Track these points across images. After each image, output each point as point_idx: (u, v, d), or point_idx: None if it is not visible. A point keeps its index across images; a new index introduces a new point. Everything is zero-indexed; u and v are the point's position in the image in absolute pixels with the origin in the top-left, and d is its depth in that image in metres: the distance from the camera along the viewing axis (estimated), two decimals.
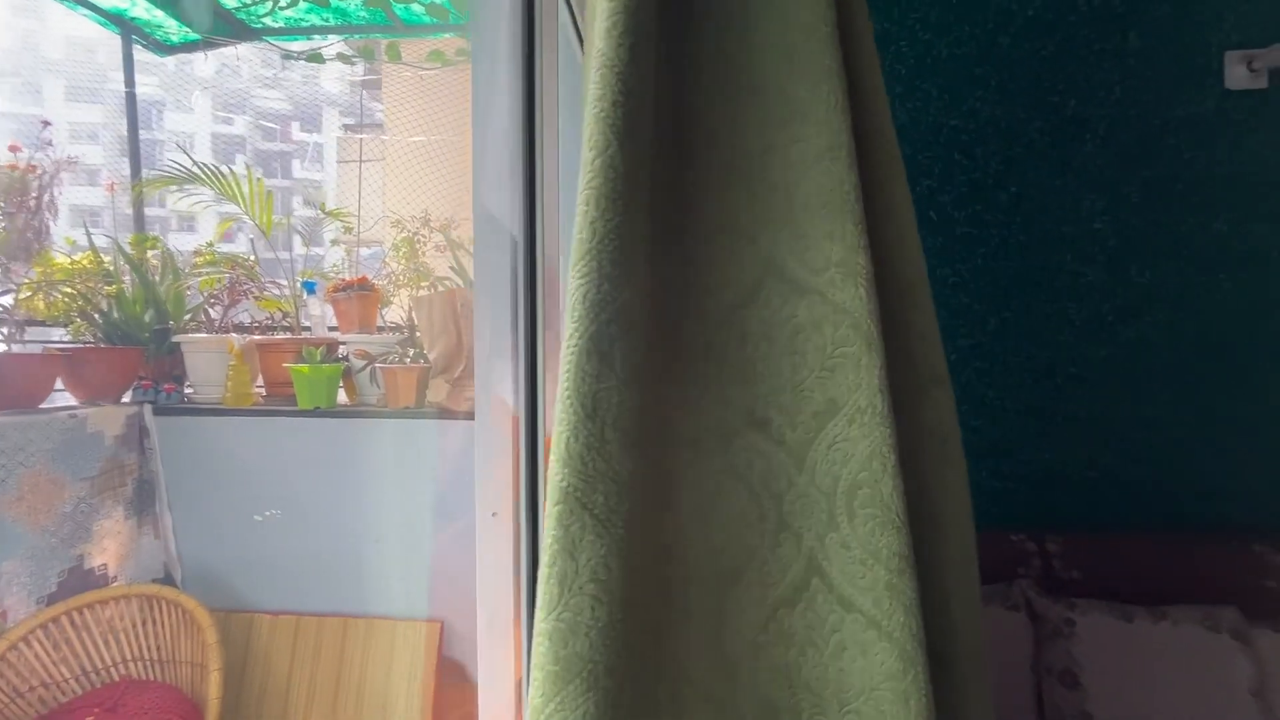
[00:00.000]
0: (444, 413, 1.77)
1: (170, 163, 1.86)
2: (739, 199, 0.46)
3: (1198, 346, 1.55)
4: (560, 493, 0.38)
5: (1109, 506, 1.58)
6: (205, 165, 1.86)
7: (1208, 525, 1.55)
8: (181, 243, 2.04)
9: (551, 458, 0.40)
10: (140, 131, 2.18)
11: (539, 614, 0.38)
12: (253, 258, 1.99)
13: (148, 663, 1.58)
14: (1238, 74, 1.49)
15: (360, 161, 2.56)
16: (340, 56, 2.04)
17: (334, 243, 2.20)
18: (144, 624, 1.62)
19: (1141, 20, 1.54)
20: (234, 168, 1.86)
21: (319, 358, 1.74)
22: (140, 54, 2.16)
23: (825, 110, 0.44)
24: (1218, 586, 1.40)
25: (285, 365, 1.77)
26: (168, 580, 1.76)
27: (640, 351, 0.39)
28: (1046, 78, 1.57)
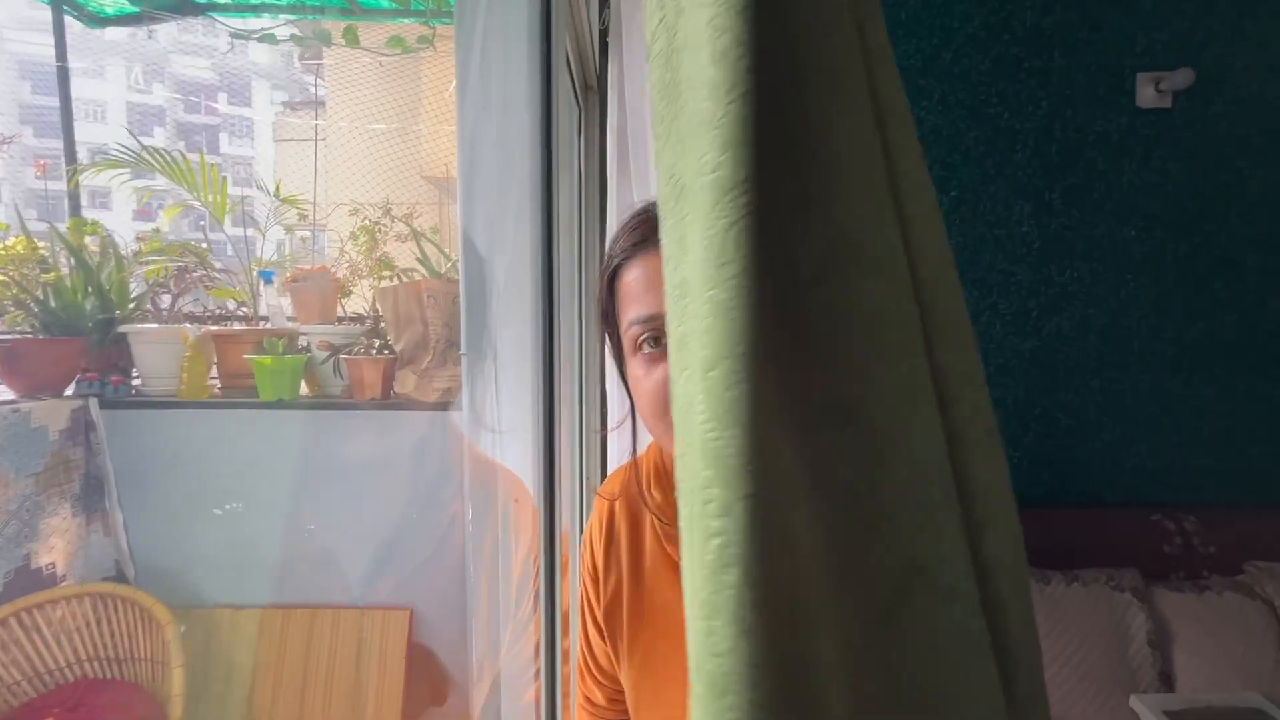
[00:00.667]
0: (412, 404, 1.77)
1: (116, 146, 1.77)
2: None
3: (1107, 339, 1.74)
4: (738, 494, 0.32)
5: (1031, 483, 1.76)
6: (154, 149, 1.78)
7: (1114, 499, 1.75)
8: (123, 228, 1.95)
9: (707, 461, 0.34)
10: (46, 98, 2.06)
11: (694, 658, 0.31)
12: (205, 244, 1.92)
13: (104, 661, 1.54)
14: (1147, 94, 1.66)
15: (315, 141, 2.49)
16: (294, 39, 1.98)
17: (288, 229, 2.14)
18: (98, 623, 1.57)
19: (1065, 41, 1.69)
20: (182, 150, 1.79)
21: (282, 349, 1.71)
22: (71, 25, 2.03)
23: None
24: (1121, 551, 1.59)
25: (245, 357, 1.73)
26: (120, 578, 1.71)
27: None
28: (983, 91, 1.70)
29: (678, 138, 0.39)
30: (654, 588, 0.67)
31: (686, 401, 0.32)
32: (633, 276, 0.59)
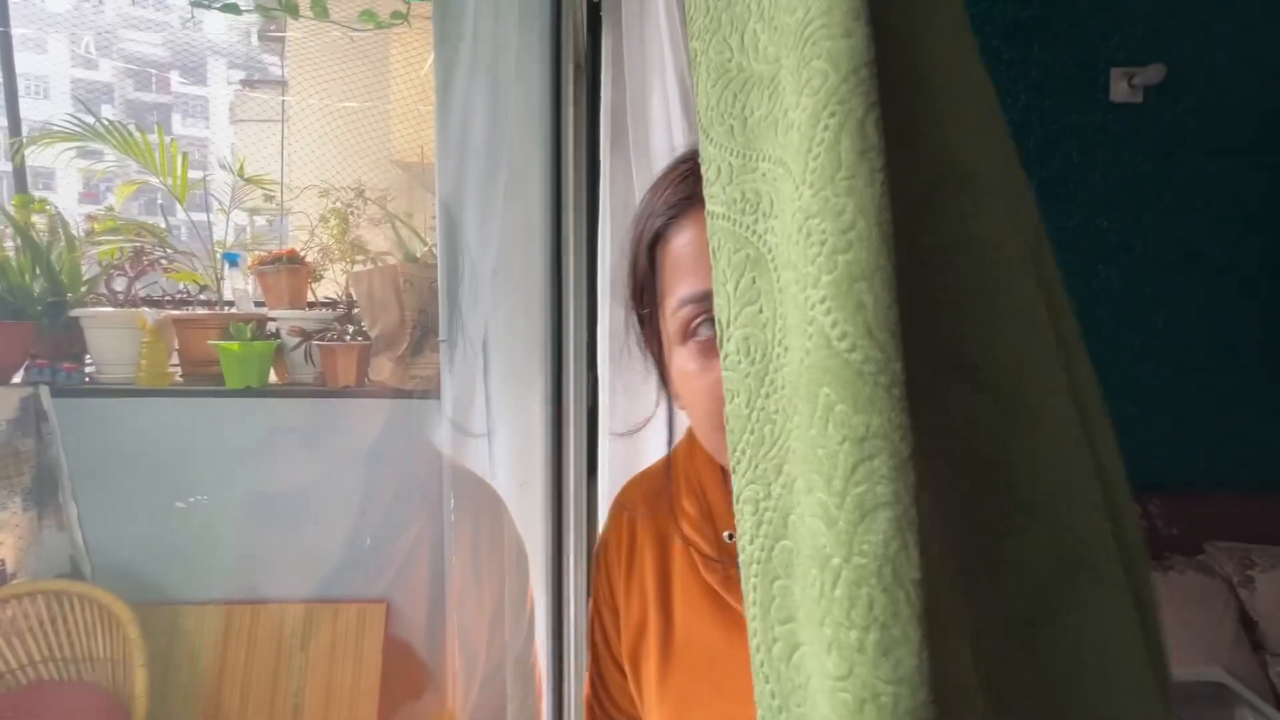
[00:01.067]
0: (388, 391, 1.72)
1: (67, 117, 1.66)
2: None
3: (1081, 324, 1.78)
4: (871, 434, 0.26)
5: None
6: (111, 123, 1.68)
7: None
8: (70, 208, 1.84)
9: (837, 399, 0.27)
10: None
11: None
12: (163, 225, 1.83)
13: (61, 662, 1.47)
14: (1120, 88, 1.70)
15: (282, 121, 2.39)
16: (259, 9, 1.88)
17: (253, 211, 2.05)
18: (53, 622, 1.49)
19: (1043, 35, 1.71)
20: (142, 126, 1.69)
21: (250, 334, 1.64)
22: None
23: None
24: None
25: (210, 343, 1.65)
26: (76, 575, 1.62)
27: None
28: None
29: (759, 15, 0.34)
30: (688, 621, 0.56)
31: (748, 341, 0.29)
32: (683, 241, 0.48)
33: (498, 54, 1.22)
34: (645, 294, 0.52)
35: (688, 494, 0.57)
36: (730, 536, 0.53)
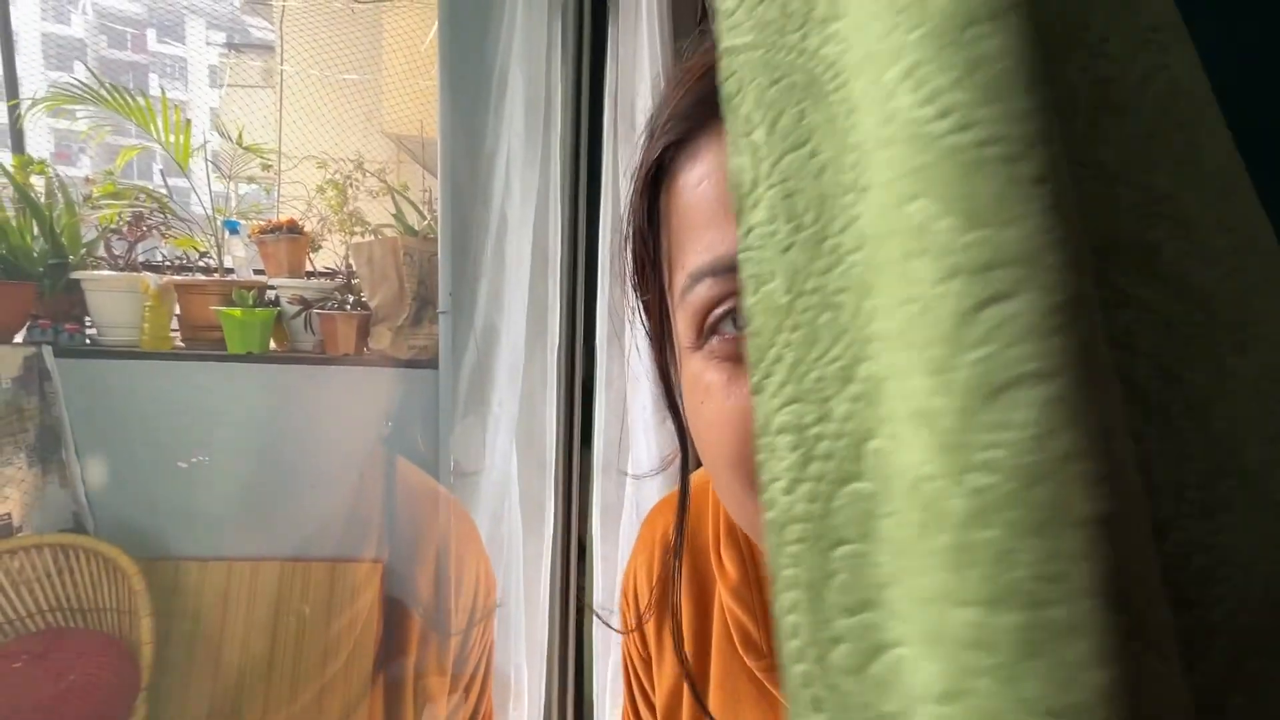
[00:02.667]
0: (388, 360, 1.78)
1: (73, 79, 1.66)
2: None
3: None
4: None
5: None
6: (113, 84, 1.69)
7: None
8: (71, 170, 1.85)
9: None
10: None
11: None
12: (163, 190, 1.85)
13: (68, 611, 1.52)
14: None
15: (280, 88, 2.39)
16: None
17: (251, 180, 2.07)
18: (59, 573, 1.55)
19: None
20: (145, 89, 1.70)
21: (252, 301, 1.68)
22: None
23: None
24: None
25: (212, 308, 1.69)
26: (79, 529, 1.67)
27: None
28: None
29: None
30: (723, 707, 0.42)
31: (789, 199, 0.18)
32: (697, 177, 0.30)
33: (503, 27, 1.26)
34: (645, 261, 0.35)
35: (728, 542, 0.42)
36: None
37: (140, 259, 1.88)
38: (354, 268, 1.84)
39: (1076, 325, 0.11)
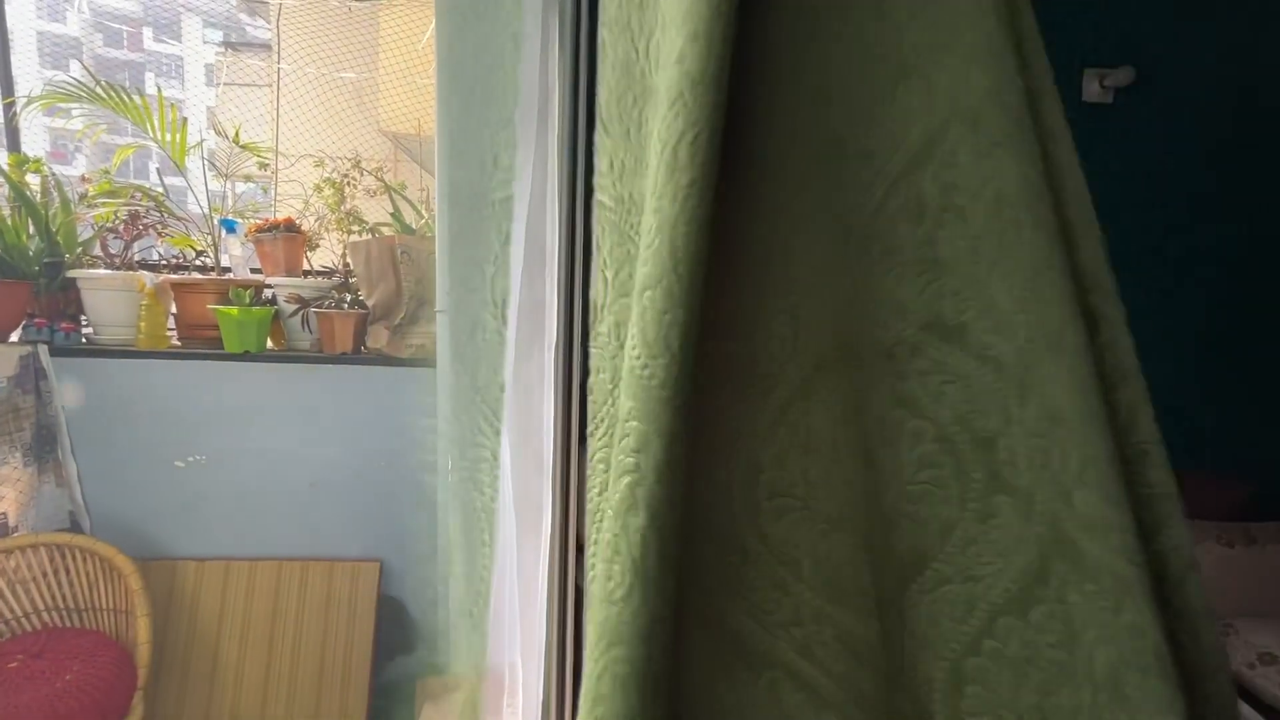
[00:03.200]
0: (385, 359, 1.77)
1: (68, 78, 1.66)
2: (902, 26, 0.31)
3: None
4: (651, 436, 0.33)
5: None
6: (109, 83, 1.68)
7: None
8: (67, 169, 1.84)
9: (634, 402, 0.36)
10: None
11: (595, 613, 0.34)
12: (160, 189, 1.84)
13: (65, 611, 1.52)
14: (1091, 89, 1.79)
15: (277, 86, 2.38)
16: None
17: (247, 179, 2.06)
18: (55, 573, 1.54)
19: None
20: (141, 87, 1.70)
21: (249, 300, 1.68)
22: None
23: None
24: None
25: (209, 307, 1.69)
26: (75, 529, 1.67)
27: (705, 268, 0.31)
28: None
29: (640, 26, 0.37)
30: None
31: (619, 326, 0.35)
32: None
33: (501, 25, 1.25)
34: None
35: None
36: None
37: (137, 258, 1.87)
38: (351, 266, 1.83)
39: (668, 482, 0.27)
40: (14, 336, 1.66)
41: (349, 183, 1.93)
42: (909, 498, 0.29)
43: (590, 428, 0.35)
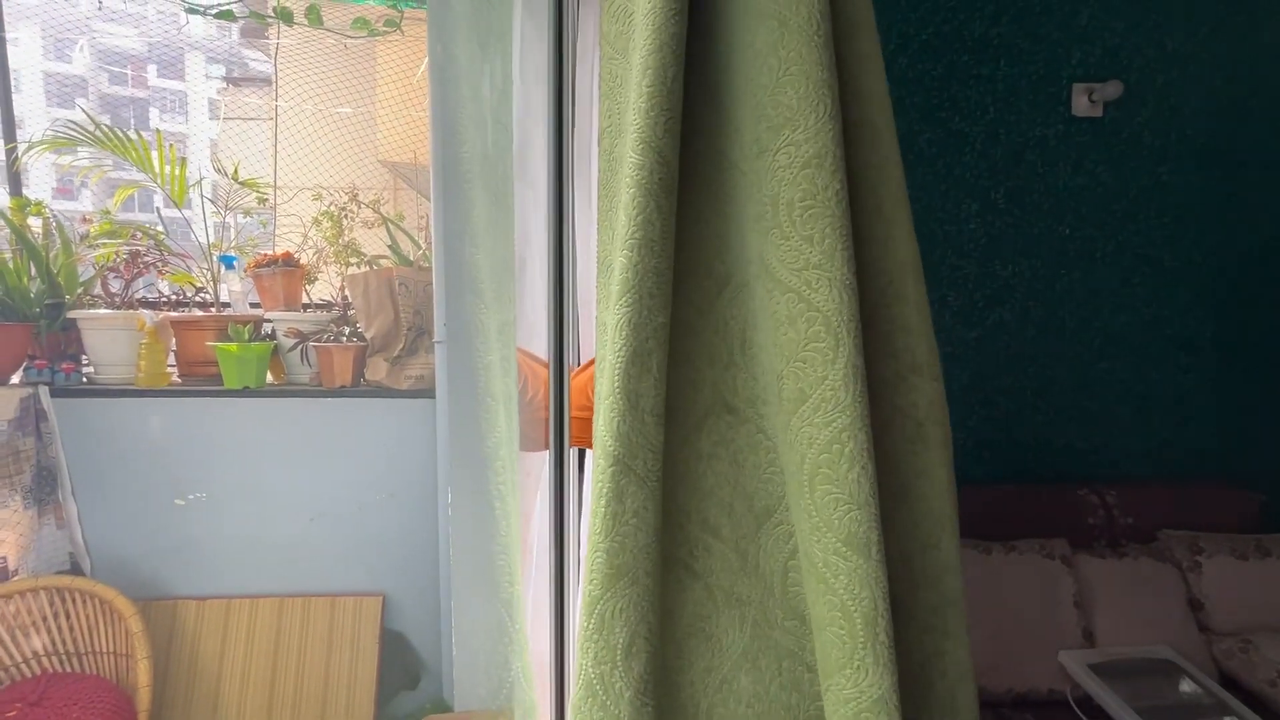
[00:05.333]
0: (384, 391, 1.77)
1: (68, 123, 1.68)
2: (737, 196, 0.52)
3: (1043, 329, 1.89)
4: (611, 459, 0.50)
5: (973, 462, 1.90)
6: (110, 126, 1.71)
7: (1045, 476, 1.91)
8: (68, 208, 1.86)
9: (602, 434, 0.50)
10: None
11: (593, 538, 0.50)
12: (160, 227, 1.86)
13: (65, 655, 1.50)
14: (1081, 103, 1.80)
15: (275, 120, 2.42)
16: (253, 15, 1.91)
17: (247, 213, 2.08)
18: (55, 617, 1.53)
19: (1010, 51, 1.81)
20: (139, 130, 1.72)
21: (248, 336, 1.68)
22: None
23: (815, 119, 0.47)
24: (1051, 523, 1.74)
25: (208, 344, 1.69)
26: (76, 571, 1.66)
27: (665, 351, 0.51)
28: (935, 96, 1.81)
29: (618, 130, 0.54)
30: None
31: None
32: None
33: (493, 57, 1.27)
34: None
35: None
36: None
37: (137, 296, 1.89)
38: (349, 299, 1.84)
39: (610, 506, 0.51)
40: (14, 378, 1.67)
41: (346, 215, 1.95)
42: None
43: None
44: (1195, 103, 1.86)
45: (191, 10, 1.79)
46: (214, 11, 1.79)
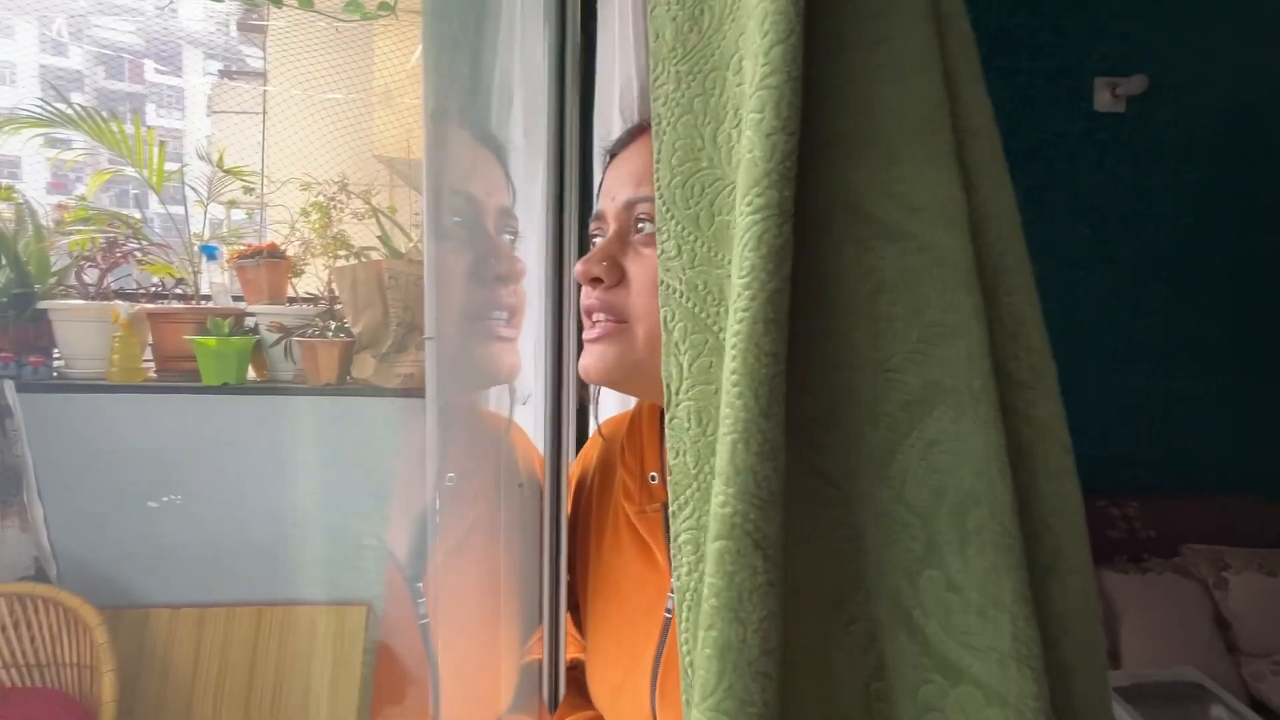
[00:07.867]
0: (372, 389, 1.69)
1: (38, 102, 1.60)
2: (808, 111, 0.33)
3: (1060, 332, 1.81)
4: (727, 526, 0.29)
5: None
6: (85, 109, 1.62)
7: None
8: (41, 195, 1.78)
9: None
10: None
11: (695, 698, 0.30)
12: (138, 215, 1.77)
13: (24, 668, 1.41)
14: (1104, 98, 1.73)
15: (263, 114, 2.34)
16: None
17: (232, 204, 2.00)
18: (15, 626, 1.44)
19: (1031, 44, 1.74)
20: (116, 114, 1.64)
21: (227, 329, 1.59)
22: None
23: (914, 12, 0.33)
24: None
25: (186, 338, 1.60)
26: (40, 577, 1.56)
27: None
28: None
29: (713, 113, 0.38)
30: (613, 547, 0.63)
31: (700, 412, 0.35)
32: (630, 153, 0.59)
33: (491, 44, 1.20)
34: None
35: (630, 434, 0.64)
36: (653, 478, 0.60)
37: (114, 287, 1.80)
38: (336, 293, 1.76)
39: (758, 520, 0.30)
40: None
41: (335, 206, 1.87)
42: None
43: (673, 508, 0.34)
44: (1217, 101, 1.80)
45: None
46: None
